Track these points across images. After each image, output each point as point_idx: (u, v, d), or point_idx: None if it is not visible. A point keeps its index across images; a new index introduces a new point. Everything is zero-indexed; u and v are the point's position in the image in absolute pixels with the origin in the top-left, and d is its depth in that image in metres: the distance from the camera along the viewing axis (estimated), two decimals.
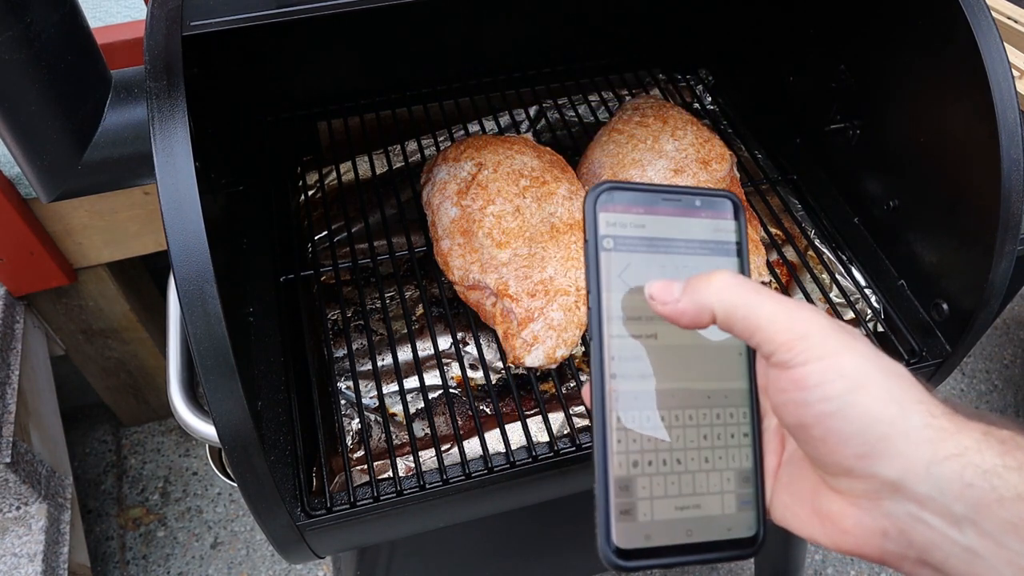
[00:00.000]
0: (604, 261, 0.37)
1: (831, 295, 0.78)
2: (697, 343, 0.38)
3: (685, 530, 0.36)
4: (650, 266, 0.37)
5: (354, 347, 0.75)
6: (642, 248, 0.37)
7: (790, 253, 0.83)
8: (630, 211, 0.37)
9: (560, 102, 0.99)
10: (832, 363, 0.33)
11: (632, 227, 0.38)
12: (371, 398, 0.72)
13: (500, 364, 0.73)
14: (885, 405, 0.32)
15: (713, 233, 0.39)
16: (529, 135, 0.90)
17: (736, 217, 0.39)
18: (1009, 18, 1.11)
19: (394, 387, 0.72)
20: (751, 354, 0.39)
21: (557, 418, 0.69)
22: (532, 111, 0.99)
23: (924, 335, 0.72)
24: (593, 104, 0.98)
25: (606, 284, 0.37)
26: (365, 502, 0.61)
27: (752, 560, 1.46)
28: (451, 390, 0.72)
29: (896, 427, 0.31)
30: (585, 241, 0.37)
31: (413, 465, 0.64)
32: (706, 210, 0.39)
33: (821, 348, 0.33)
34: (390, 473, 0.63)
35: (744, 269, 0.39)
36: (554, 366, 0.68)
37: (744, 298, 0.34)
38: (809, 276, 0.79)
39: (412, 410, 0.72)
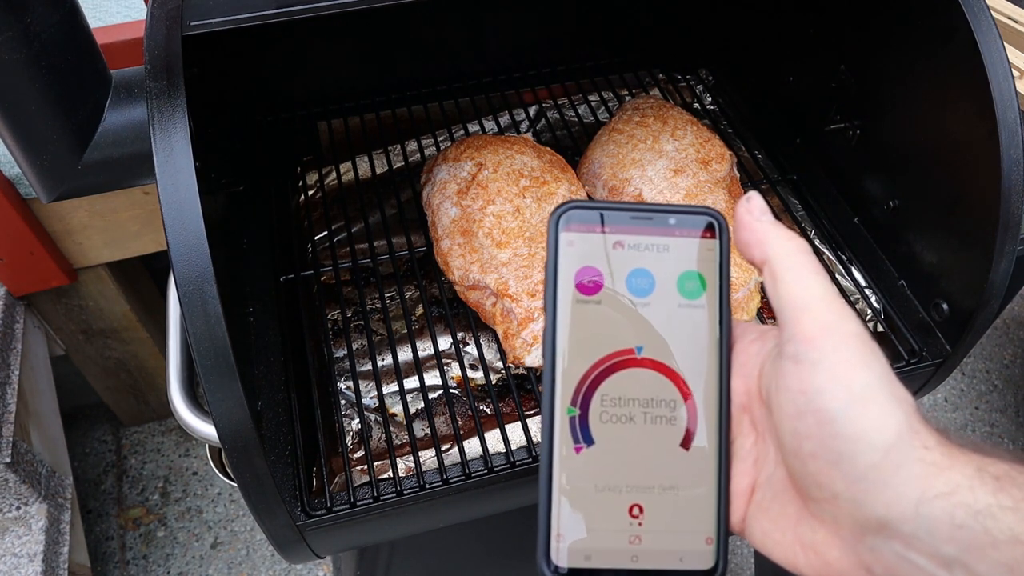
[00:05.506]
0: (562, 280, 0.36)
1: None
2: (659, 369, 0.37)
3: (630, 556, 0.35)
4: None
5: (354, 347, 0.75)
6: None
7: None
8: (593, 231, 0.37)
9: (560, 102, 0.99)
10: (843, 372, 0.31)
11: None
12: (371, 398, 0.72)
13: (500, 364, 0.73)
14: (882, 431, 0.30)
15: (686, 251, 0.38)
16: (529, 135, 0.90)
17: (717, 236, 0.37)
18: (1009, 18, 1.11)
19: (394, 387, 0.72)
20: (725, 365, 0.37)
21: None
22: (532, 111, 0.99)
23: (924, 335, 0.72)
24: (593, 104, 0.98)
25: (563, 300, 0.36)
26: (365, 502, 0.60)
27: (752, 560, 1.46)
28: (451, 390, 0.72)
29: (889, 458, 0.30)
30: (546, 263, 0.36)
31: (413, 465, 0.64)
32: (681, 228, 0.37)
33: (835, 353, 0.32)
34: (390, 473, 0.63)
35: (722, 289, 0.37)
36: None
37: (803, 259, 0.34)
38: None
39: (412, 410, 0.72)
